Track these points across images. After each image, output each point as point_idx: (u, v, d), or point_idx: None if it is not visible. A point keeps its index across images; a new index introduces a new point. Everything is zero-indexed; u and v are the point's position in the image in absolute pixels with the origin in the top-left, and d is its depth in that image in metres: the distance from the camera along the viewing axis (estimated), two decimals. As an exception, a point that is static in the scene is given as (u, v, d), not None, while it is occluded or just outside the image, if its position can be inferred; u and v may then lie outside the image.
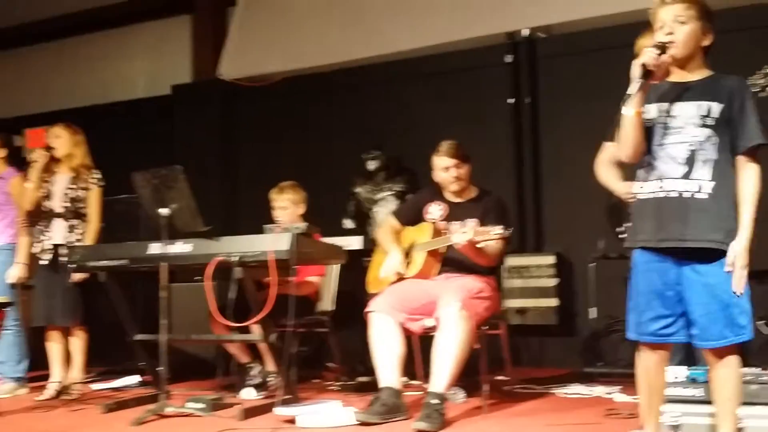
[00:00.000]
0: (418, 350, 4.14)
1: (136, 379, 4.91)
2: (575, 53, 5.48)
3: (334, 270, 4.64)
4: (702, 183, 2.31)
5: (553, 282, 5.14)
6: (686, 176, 2.33)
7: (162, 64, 7.21)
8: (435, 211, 3.93)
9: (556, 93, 5.54)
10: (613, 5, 5.04)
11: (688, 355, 3.08)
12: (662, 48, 2.33)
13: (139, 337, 4.08)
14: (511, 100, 5.59)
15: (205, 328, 4.20)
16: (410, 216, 4.02)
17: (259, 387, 4.17)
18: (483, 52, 5.74)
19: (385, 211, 5.60)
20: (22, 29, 7.68)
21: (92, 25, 7.38)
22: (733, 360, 2.33)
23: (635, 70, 2.31)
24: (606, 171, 3.28)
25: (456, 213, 3.89)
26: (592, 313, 4.84)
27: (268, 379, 4.21)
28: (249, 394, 4.08)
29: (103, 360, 5.52)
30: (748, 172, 2.34)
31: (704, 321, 2.31)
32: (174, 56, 7.09)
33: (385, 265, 3.84)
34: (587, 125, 5.51)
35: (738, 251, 2.28)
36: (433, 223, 3.87)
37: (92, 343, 4.52)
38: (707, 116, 2.33)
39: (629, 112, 2.34)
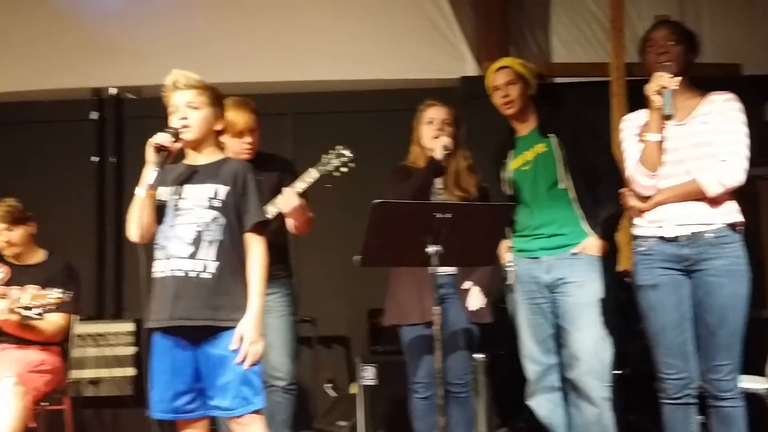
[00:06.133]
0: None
1: None
2: (164, 116, 5.46)
3: None
4: (207, 263, 2.41)
5: (131, 350, 4.94)
6: (192, 256, 2.41)
7: None
8: (-6, 274, 3.57)
9: (143, 154, 5.42)
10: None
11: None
12: (176, 134, 2.43)
13: None
14: (96, 159, 5.35)
15: None
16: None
17: None
18: (69, 105, 5.42)
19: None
20: None
21: None
22: (255, 427, 2.42)
23: (149, 154, 2.39)
24: None
25: (18, 278, 3.61)
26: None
27: None
28: None
29: None
30: (254, 249, 2.48)
31: (222, 393, 2.38)
32: None
33: None
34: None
35: (246, 327, 2.39)
36: (-8, 288, 3.50)
37: None
38: (214, 198, 2.46)
39: (141, 193, 2.38)
